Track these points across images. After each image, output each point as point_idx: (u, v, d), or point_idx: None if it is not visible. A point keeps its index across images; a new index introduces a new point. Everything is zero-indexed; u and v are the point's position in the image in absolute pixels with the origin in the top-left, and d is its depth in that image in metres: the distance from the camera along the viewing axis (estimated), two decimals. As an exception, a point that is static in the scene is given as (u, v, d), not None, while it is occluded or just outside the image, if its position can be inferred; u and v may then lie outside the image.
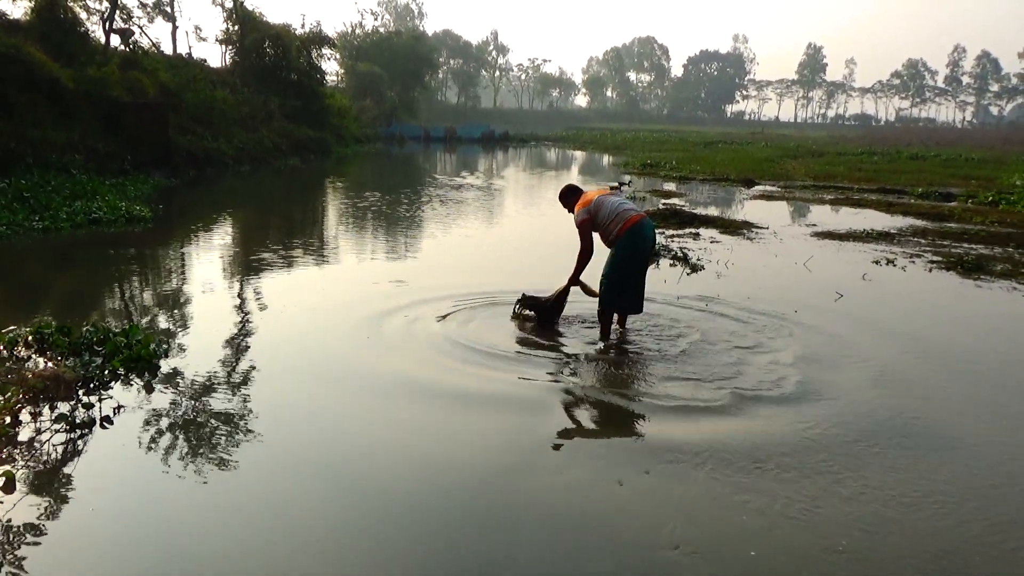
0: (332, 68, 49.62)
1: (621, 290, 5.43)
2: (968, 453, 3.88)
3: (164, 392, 4.36)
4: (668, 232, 10.81)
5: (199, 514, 3.14)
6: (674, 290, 7.10)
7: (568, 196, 5.81)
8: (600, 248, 5.59)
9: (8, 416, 3.79)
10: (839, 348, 5.51)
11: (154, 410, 4.08)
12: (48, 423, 3.82)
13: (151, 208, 11.74)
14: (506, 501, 3.31)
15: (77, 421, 3.84)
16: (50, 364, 4.44)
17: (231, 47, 32.84)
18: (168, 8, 32.69)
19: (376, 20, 68.79)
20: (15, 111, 14.06)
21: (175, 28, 36.09)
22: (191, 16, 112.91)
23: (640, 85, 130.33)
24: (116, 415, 3.99)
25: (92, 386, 4.32)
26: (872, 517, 3.19)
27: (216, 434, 3.87)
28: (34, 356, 4.65)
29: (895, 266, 8.80)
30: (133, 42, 24.24)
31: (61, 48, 17.65)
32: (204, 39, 53.37)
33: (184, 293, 7.14)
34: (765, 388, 4.61)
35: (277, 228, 12.21)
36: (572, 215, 5.69)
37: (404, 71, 56.76)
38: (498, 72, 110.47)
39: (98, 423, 3.89)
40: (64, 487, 3.27)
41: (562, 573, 2.80)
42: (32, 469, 3.40)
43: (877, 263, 8.92)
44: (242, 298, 6.93)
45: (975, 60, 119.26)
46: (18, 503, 3.11)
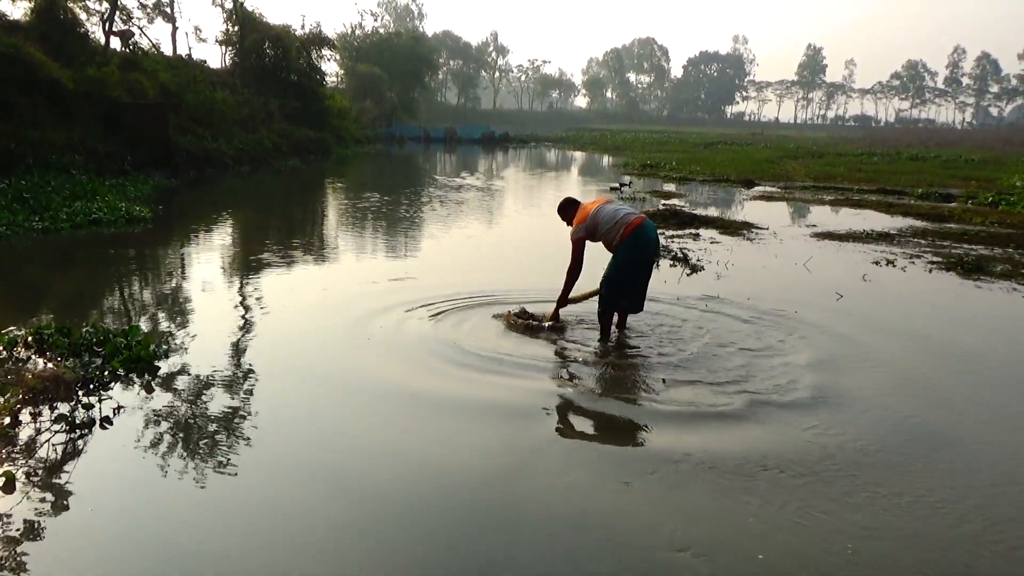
0: (332, 69, 49.87)
1: (622, 291, 5.45)
2: (969, 453, 3.88)
3: (164, 393, 4.36)
4: (668, 233, 10.81)
5: (199, 514, 3.14)
6: (674, 290, 7.10)
7: (567, 209, 5.81)
8: (602, 251, 5.60)
9: (8, 416, 3.79)
10: (838, 348, 5.50)
11: (154, 411, 4.08)
12: (48, 423, 3.81)
13: (151, 209, 11.74)
14: (506, 502, 3.31)
15: (77, 422, 3.84)
16: (50, 365, 4.44)
17: (231, 48, 32.86)
18: (168, 9, 32.80)
19: (376, 21, 68.98)
20: (15, 112, 14.06)
21: (175, 29, 36.22)
22: (191, 17, 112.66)
23: (640, 86, 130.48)
24: (116, 416, 3.99)
25: (92, 387, 4.32)
26: (876, 520, 3.19)
27: (216, 434, 3.87)
28: (34, 357, 4.65)
29: (895, 267, 8.80)
30: (133, 43, 24.26)
31: (61, 49, 17.64)
32: (204, 40, 53.28)
33: (184, 294, 7.14)
34: (765, 388, 4.60)
35: (277, 229, 12.21)
36: (570, 229, 5.70)
37: (404, 72, 56.79)
38: (498, 73, 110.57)
39: (98, 424, 3.89)
40: (64, 487, 3.27)
41: (562, 573, 2.80)
42: (32, 469, 3.40)
43: (877, 264, 8.92)
44: (242, 298, 6.93)
45: (975, 61, 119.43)
46: (18, 503, 3.11)
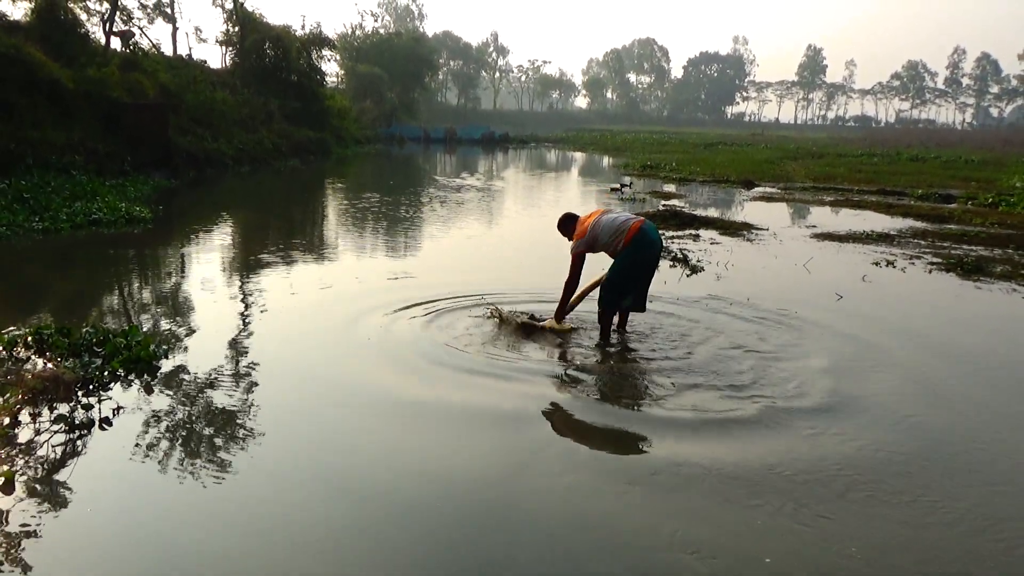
0: (332, 69, 49.79)
1: (622, 292, 5.47)
2: (969, 453, 3.88)
3: (163, 393, 4.36)
4: (668, 233, 10.80)
5: (199, 514, 3.13)
6: (675, 291, 7.11)
7: (566, 224, 5.81)
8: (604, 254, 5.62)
9: (8, 417, 3.79)
10: (839, 348, 5.50)
11: (153, 411, 4.08)
12: (47, 424, 3.81)
13: (151, 209, 11.73)
14: (506, 502, 3.31)
15: (76, 422, 3.84)
16: (49, 365, 4.44)
17: (231, 48, 32.87)
18: (168, 9, 32.77)
19: (376, 21, 68.78)
20: (15, 112, 14.05)
21: (175, 29, 36.25)
22: (191, 17, 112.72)
23: (640, 87, 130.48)
24: (115, 416, 3.99)
25: (91, 387, 4.31)
26: (883, 522, 3.19)
27: (215, 435, 3.87)
28: (33, 357, 4.65)
29: (895, 267, 8.80)
30: (133, 43, 24.25)
31: (61, 49, 17.64)
32: (204, 40, 53.66)
33: (183, 294, 7.14)
34: (765, 389, 4.60)
35: (277, 229, 12.21)
36: (570, 243, 5.69)
37: (404, 72, 56.77)
38: (498, 73, 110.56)
39: (97, 424, 3.89)
40: (63, 488, 3.27)
41: (562, 573, 2.80)
42: (32, 470, 3.40)
43: (877, 264, 8.92)
44: (242, 299, 6.93)
45: (975, 62, 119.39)
46: (18, 503, 3.11)
